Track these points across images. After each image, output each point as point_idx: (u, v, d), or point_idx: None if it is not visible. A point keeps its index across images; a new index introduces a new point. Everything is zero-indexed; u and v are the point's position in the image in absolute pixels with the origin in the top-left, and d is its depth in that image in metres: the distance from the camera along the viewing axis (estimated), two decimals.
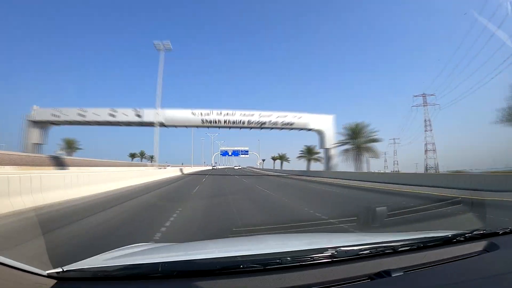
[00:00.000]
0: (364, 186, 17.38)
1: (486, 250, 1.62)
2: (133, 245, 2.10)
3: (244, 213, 7.02)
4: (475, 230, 1.80)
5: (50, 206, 7.49)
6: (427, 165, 55.02)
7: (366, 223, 2.75)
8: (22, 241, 4.00)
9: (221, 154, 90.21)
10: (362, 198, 11.39)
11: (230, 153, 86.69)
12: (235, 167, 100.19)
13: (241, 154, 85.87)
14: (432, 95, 53.50)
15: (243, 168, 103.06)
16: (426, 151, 55.87)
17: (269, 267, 1.29)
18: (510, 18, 20.46)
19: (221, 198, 11.05)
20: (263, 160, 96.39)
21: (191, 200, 10.29)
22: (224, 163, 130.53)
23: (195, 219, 6.29)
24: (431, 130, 55.74)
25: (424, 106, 55.43)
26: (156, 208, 8.43)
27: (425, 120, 55.79)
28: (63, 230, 5.00)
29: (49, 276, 1.18)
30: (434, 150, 55.43)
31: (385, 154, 77.27)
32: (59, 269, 1.22)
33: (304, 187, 18.08)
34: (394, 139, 68.50)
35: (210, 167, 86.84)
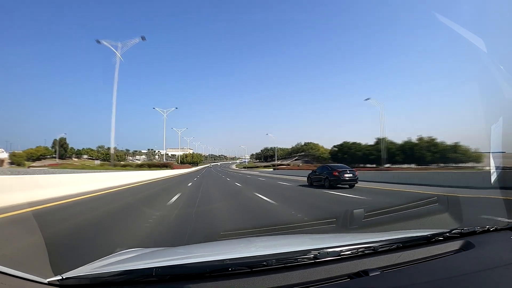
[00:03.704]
0: None
1: (462, 249, 1.64)
2: (127, 250, 2.08)
3: None
4: (454, 229, 1.81)
5: None
6: None
7: (345, 224, 2.82)
8: None
9: None
10: None
11: None
12: None
13: None
14: None
15: None
16: None
17: (255, 269, 1.32)
18: None
19: None
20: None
21: None
22: None
23: None
24: None
25: None
26: None
27: None
28: None
29: (49, 284, 1.19)
30: None
31: None
32: (59, 277, 1.23)
33: None
34: None
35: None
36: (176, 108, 69.62)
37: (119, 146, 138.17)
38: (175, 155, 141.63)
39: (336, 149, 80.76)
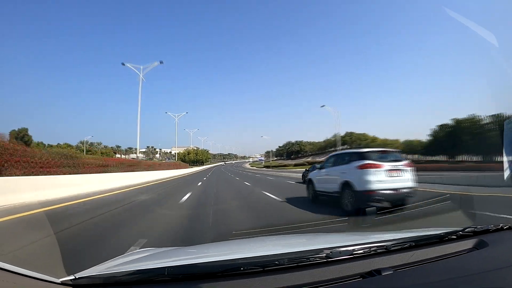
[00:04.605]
0: None
1: (475, 247, 1.60)
2: (139, 249, 2.09)
3: None
4: (467, 228, 1.77)
5: None
6: None
7: (357, 223, 2.78)
8: None
9: None
10: None
11: None
12: None
13: None
14: None
15: None
16: None
17: (268, 268, 1.30)
18: None
19: None
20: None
21: None
22: None
23: None
24: None
25: None
26: None
27: None
28: None
29: (62, 283, 1.19)
30: None
31: None
32: (72, 277, 1.23)
33: None
34: None
35: None
36: (161, 62, 43.67)
37: (110, 143, 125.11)
38: (181, 152, 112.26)
39: (440, 132, 45.55)
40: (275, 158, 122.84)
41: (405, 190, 6.59)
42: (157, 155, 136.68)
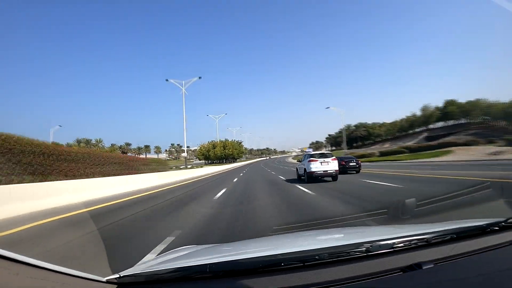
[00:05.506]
0: None
1: None
2: (179, 248, 2.14)
3: None
4: (510, 218, 1.67)
5: None
6: None
7: (396, 215, 2.71)
8: None
9: None
10: None
11: None
12: None
13: None
14: None
15: None
16: None
17: (308, 263, 1.31)
18: None
19: None
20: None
21: None
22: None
23: None
24: None
25: None
26: None
27: None
28: None
29: (108, 282, 1.22)
30: None
31: None
32: (117, 275, 1.26)
33: None
34: None
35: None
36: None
37: (118, 141, 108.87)
38: (204, 146, 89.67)
39: None
40: (331, 148, 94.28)
41: (330, 172, 14.26)
42: (184, 154, 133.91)
